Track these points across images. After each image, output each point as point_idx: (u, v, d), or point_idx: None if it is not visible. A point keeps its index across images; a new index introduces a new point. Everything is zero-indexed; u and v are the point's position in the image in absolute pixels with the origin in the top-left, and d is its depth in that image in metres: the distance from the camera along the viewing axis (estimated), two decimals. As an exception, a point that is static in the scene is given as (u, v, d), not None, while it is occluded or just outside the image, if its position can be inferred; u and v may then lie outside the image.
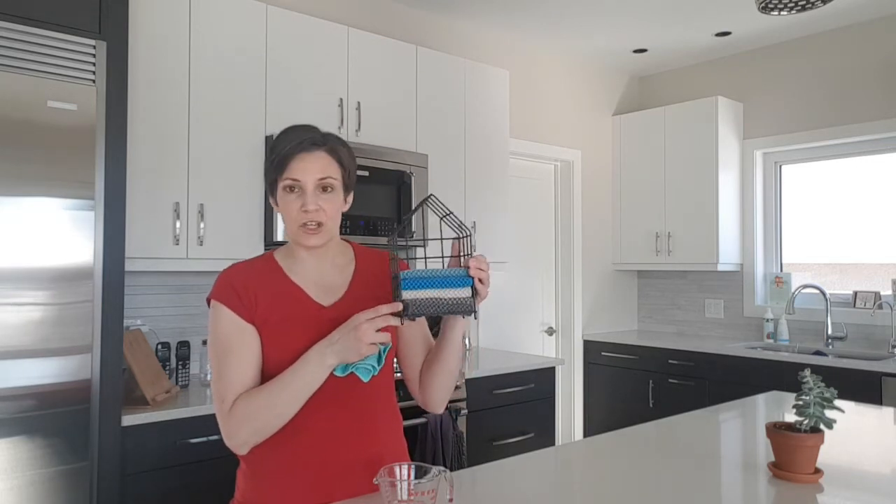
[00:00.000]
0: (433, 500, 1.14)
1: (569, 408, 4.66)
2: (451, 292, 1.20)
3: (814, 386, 1.44)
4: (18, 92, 1.91)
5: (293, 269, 1.38)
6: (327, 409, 1.32)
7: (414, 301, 1.19)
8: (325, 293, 1.37)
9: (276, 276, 1.36)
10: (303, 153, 1.30)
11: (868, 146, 4.06)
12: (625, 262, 4.85)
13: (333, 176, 1.32)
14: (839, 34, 4.09)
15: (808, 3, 3.03)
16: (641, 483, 1.42)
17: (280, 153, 1.30)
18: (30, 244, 1.94)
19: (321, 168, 1.30)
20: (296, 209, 1.30)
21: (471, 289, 1.21)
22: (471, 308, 1.21)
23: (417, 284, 1.19)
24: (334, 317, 1.33)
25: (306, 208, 1.28)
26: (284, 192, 1.31)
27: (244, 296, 1.31)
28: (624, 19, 3.96)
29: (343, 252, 1.44)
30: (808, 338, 4.18)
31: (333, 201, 1.32)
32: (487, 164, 3.67)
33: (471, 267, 1.22)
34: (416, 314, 1.19)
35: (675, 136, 4.53)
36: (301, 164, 1.29)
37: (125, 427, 2.15)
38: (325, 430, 1.32)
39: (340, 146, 1.35)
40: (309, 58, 2.95)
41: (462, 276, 1.21)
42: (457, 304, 1.20)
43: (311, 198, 1.29)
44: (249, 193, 2.75)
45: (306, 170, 1.29)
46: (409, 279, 1.20)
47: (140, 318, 2.76)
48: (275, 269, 1.37)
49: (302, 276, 1.37)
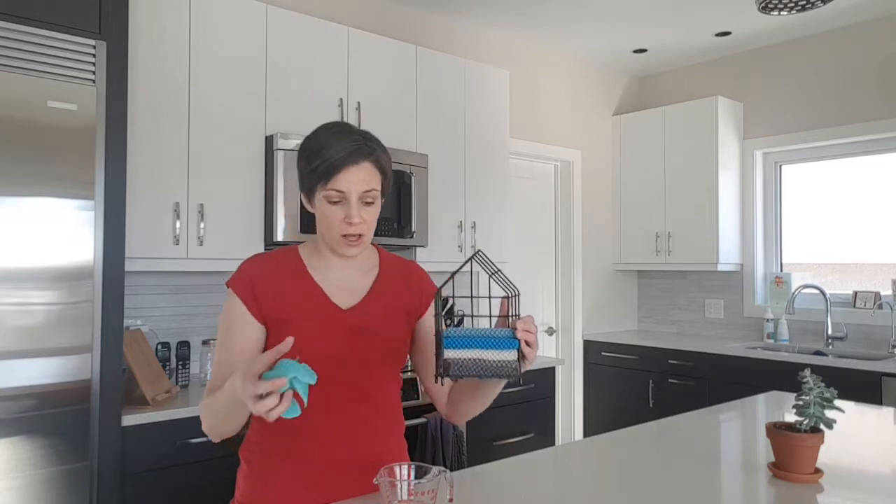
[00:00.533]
0: (433, 500, 1.14)
1: (569, 408, 4.66)
2: (497, 354, 1.15)
3: (814, 386, 1.44)
4: (18, 92, 1.91)
5: (317, 267, 1.37)
6: (328, 411, 1.32)
7: (456, 361, 1.14)
8: (345, 296, 1.36)
9: (297, 274, 1.36)
10: (350, 166, 1.26)
11: (868, 146, 4.06)
12: (625, 262, 4.85)
13: (376, 187, 1.30)
14: (839, 34, 4.09)
15: (808, 3, 3.03)
16: (641, 483, 1.42)
17: (327, 161, 1.26)
18: (30, 244, 1.94)
19: (366, 180, 1.28)
20: (338, 220, 1.28)
21: (517, 352, 1.15)
22: (516, 372, 1.15)
23: (461, 343, 1.14)
24: (351, 320, 1.33)
25: (350, 220, 1.27)
26: (326, 202, 1.28)
27: (259, 291, 1.32)
28: (624, 19, 3.96)
29: (369, 256, 1.43)
30: (808, 338, 4.18)
31: (374, 212, 1.32)
32: (487, 164, 3.67)
33: (518, 329, 1.15)
34: (458, 375, 1.14)
35: (675, 136, 4.53)
36: (348, 177, 1.26)
37: (125, 427, 2.15)
38: (325, 433, 1.32)
39: (382, 153, 1.32)
40: (309, 58, 2.95)
41: (508, 338, 1.15)
42: (501, 368, 1.15)
43: (356, 210, 1.27)
44: (249, 193, 2.75)
45: (352, 182, 1.26)
46: (453, 337, 1.14)
47: (140, 318, 2.76)
48: (297, 265, 1.37)
49: (324, 276, 1.37)
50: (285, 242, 2.74)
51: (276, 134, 2.75)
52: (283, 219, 2.73)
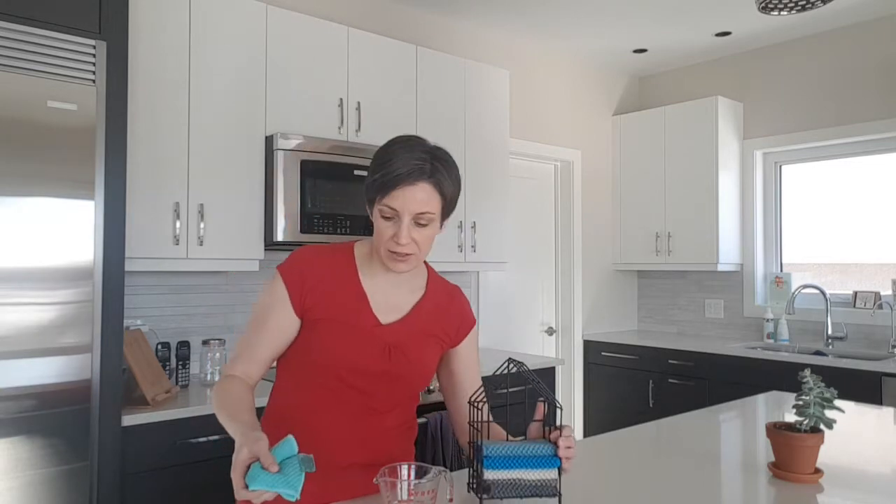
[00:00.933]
0: (433, 500, 1.14)
1: (569, 408, 4.66)
2: (537, 474, 1.14)
3: (814, 386, 1.44)
4: (18, 92, 1.91)
5: (368, 273, 1.36)
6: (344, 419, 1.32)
7: (496, 482, 1.13)
8: (388, 310, 1.36)
9: (347, 276, 1.35)
10: (407, 185, 1.22)
11: (868, 146, 4.06)
12: (625, 262, 4.85)
13: (432, 211, 1.25)
14: (839, 34, 4.09)
15: (808, 3, 3.03)
16: (642, 483, 1.42)
17: (387, 176, 1.23)
18: (30, 244, 1.94)
19: (421, 202, 1.23)
20: (388, 236, 1.26)
21: (557, 470, 1.15)
22: (555, 491, 1.15)
23: (502, 464, 1.12)
24: (387, 337, 1.33)
25: (399, 240, 1.24)
26: (380, 217, 1.27)
27: (307, 285, 1.31)
28: (624, 19, 3.96)
29: (418, 274, 1.42)
30: (808, 338, 4.18)
31: (428, 235, 1.28)
32: (487, 164, 3.67)
33: (560, 447, 1.15)
34: (498, 496, 1.13)
35: (675, 136, 4.53)
36: (402, 195, 1.23)
37: (125, 427, 2.15)
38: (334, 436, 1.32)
39: (445, 177, 1.26)
40: (309, 58, 2.95)
41: (549, 457, 1.14)
42: (541, 487, 1.14)
43: (406, 231, 1.24)
44: (249, 193, 2.75)
45: (406, 201, 1.23)
46: (494, 457, 1.12)
47: (140, 318, 2.76)
48: (349, 266, 1.36)
49: (373, 284, 1.36)
50: (285, 242, 2.74)
51: (276, 134, 2.75)
52: (283, 219, 2.73)
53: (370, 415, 1.33)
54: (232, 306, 3.03)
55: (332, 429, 1.31)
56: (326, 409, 1.31)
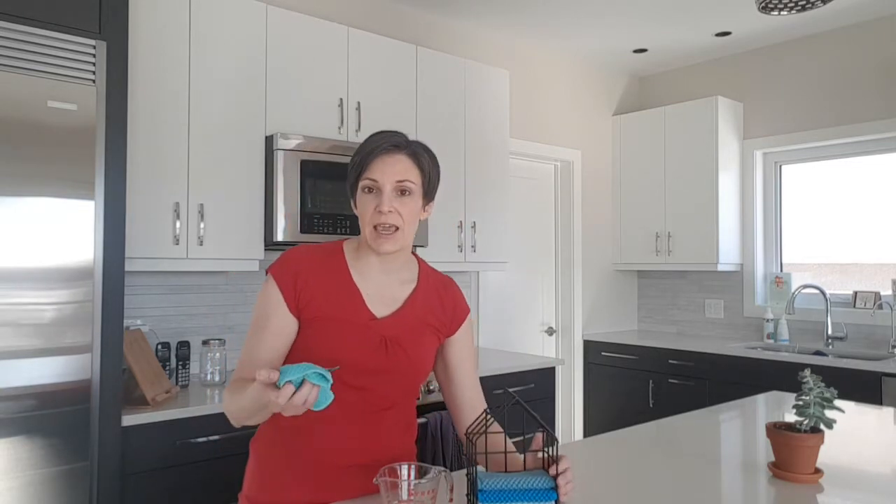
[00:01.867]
0: (433, 500, 1.14)
1: (569, 408, 4.66)
2: None
3: (814, 386, 1.44)
4: (18, 92, 1.91)
5: (358, 268, 1.37)
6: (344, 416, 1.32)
7: None
8: (382, 304, 1.36)
9: (339, 273, 1.35)
10: (383, 155, 1.29)
11: (868, 146, 4.06)
12: (625, 262, 4.85)
13: (412, 180, 1.30)
14: (839, 34, 4.09)
15: (808, 3, 3.03)
16: (641, 483, 1.42)
17: (362, 153, 1.30)
18: (30, 244, 1.94)
19: (400, 171, 1.29)
20: (371, 210, 1.29)
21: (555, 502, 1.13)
22: None
23: (497, 497, 1.11)
24: (383, 330, 1.33)
25: (381, 209, 1.27)
26: (362, 193, 1.31)
27: (300, 285, 1.31)
28: (624, 19, 3.96)
29: (409, 267, 1.43)
30: (808, 338, 4.18)
31: (410, 206, 1.30)
32: (487, 164, 3.67)
33: (560, 486, 1.14)
34: None
35: (675, 136, 4.53)
36: (380, 165, 1.28)
37: (125, 427, 2.15)
38: (334, 436, 1.32)
39: (423, 152, 1.34)
40: (309, 58, 2.95)
41: (547, 490, 1.12)
42: None
43: (388, 198, 1.28)
44: (249, 193, 2.75)
45: (385, 171, 1.28)
46: (489, 491, 1.11)
47: (140, 318, 2.76)
48: (340, 263, 1.36)
49: (364, 279, 1.36)
50: (285, 242, 2.74)
51: (276, 134, 2.75)
52: (283, 219, 2.73)
53: (369, 413, 1.33)
54: (232, 306, 3.03)
55: (332, 429, 1.31)
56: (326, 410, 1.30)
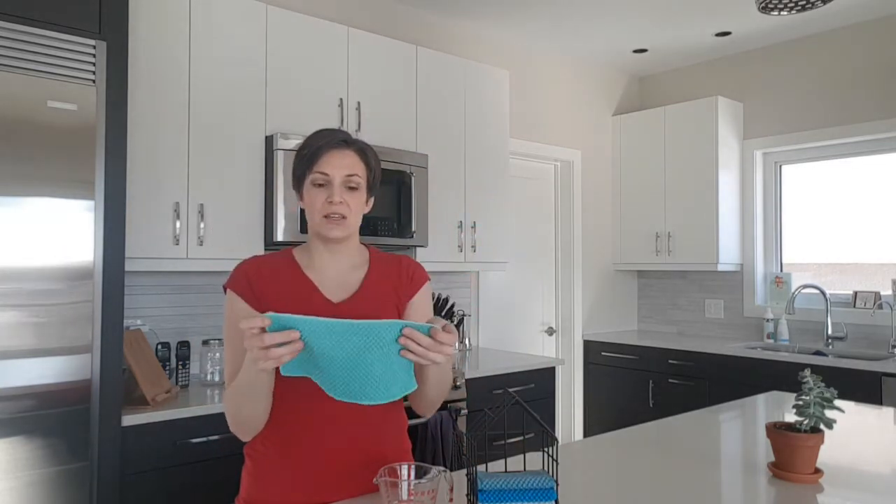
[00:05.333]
0: (433, 500, 1.14)
1: (569, 408, 4.66)
2: None
3: (814, 386, 1.44)
4: (18, 92, 1.91)
5: (309, 264, 1.42)
6: (332, 410, 1.32)
7: None
8: (338, 290, 1.39)
9: (291, 271, 1.40)
10: (333, 150, 1.36)
11: (868, 146, 4.06)
12: (625, 262, 4.85)
13: (360, 174, 1.38)
14: (839, 34, 4.09)
15: (808, 3, 3.03)
16: (642, 483, 1.42)
17: (312, 148, 1.36)
18: (30, 244, 1.94)
19: (349, 165, 1.36)
20: (321, 201, 1.35)
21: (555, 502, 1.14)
22: None
23: (497, 497, 1.11)
24: (343, 314, 1.35)
25: (332, 199, 1.34)
26: (312, 186, 1.36)
27: (256, 287, 1.36)
28: (624, 19, 3.96)
29: (360, 253, 1.48)
30: (808, 338, 4.18)
31: (357, 198, 1.38)
32: (487, 164, 3.67)
33: (435, 335, 1.15)
34: None
35: (675, 136, 4.53)
36: (331, 160, 1.35)
37: (125, 427, 2.15)
38: (329, 431, 1.32)
39: (368, 149, 1.42)
40: (309, 58, 2.95)
41: (546, 490, 1.13)
42: None
43: (338, 191, 1.34)
44: (249, 193, 2.75)
45: (335, 165, 1.35)
46: (489, 491, 1.11)
47: (140, 318, 2.76)
48: (291, 263, 1.41)
49: (317, 272, 1.41)
50: (285, 242, 2.74)
51: (276, 134, 2.75)
52: (283, 219, 2.73)
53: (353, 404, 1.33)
54: (232, 306, 3.03)
55: (317, 425, 1.31)
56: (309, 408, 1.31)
